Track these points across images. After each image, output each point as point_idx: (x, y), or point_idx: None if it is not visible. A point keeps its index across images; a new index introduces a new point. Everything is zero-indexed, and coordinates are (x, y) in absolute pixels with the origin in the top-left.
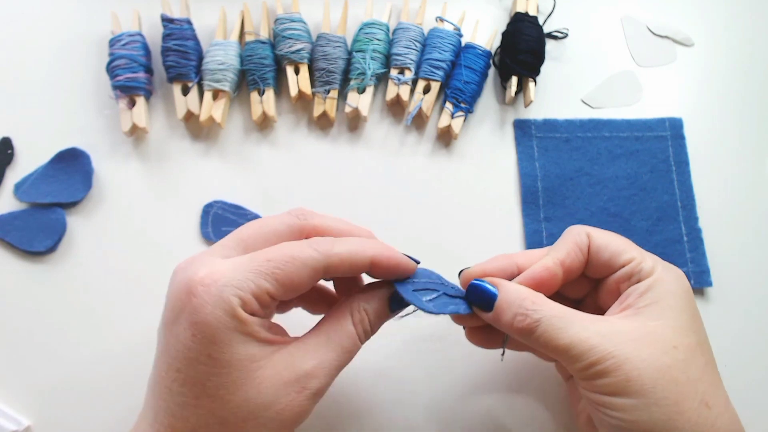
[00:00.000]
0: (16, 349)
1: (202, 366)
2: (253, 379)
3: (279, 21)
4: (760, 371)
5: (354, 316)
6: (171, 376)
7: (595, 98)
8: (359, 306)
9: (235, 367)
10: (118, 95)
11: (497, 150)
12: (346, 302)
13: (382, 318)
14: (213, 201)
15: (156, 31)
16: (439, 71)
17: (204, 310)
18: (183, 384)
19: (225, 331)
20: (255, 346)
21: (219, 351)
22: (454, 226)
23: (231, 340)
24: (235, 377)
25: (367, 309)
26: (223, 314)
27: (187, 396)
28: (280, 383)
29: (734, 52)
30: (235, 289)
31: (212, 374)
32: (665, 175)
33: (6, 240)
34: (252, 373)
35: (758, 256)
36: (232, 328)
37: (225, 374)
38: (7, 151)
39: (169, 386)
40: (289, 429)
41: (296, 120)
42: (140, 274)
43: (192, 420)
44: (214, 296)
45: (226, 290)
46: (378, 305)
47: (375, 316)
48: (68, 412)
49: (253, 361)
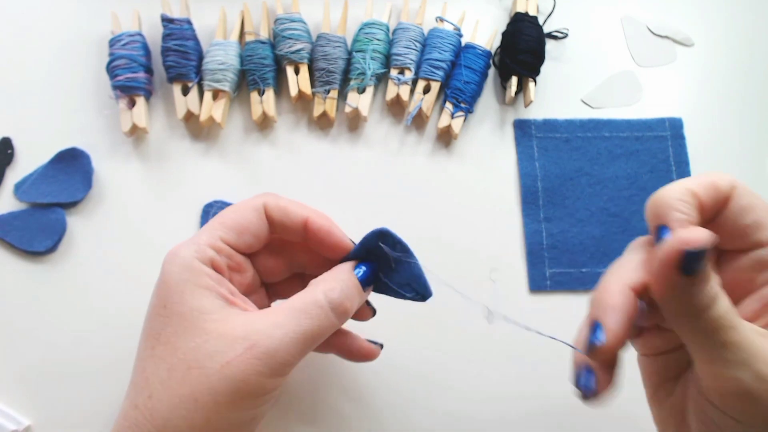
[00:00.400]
0: (16, 348)
1: (159, 318)
2: (202, 329)
3: (279, 21)
4: None
5: (319, 285)
6: (141, 339)
7: (595, 98)
8: (327, 279)
9: (185, 317)
10: (118, 95)
11: (497, 150)
12: (314, 280)
13: (350, 287)
14: (213, 201)
15: (156, 31)
16: (439, 71)
17: (164, 270)
18: (144, 338)
19: (179, 283)
20: (208, 299)
21: (172, 302)
22: (454, 226)
23: (184, 290)
24: (185, 325)
25: (333, 279)
26: (178, 268)
27: (147, 348)
28: (228, 337)
29: (734, 52)
30: (191, 244)
31: (166, 324)
32: (665, 175)
33: (6, 240)
34: (202, 323)
35: None
36: (185, 279)
37: (176, 323)
38: (7, 151)
39: (138, 348)
40: (240, 393)
41: (296, 120)
42: (140, 274)
43: (148, 369)
44: (174, 257)
45: (182, 249)
46: (344, 274)
47: (346, 285)
48: (68, 412)
49: (203, 312)
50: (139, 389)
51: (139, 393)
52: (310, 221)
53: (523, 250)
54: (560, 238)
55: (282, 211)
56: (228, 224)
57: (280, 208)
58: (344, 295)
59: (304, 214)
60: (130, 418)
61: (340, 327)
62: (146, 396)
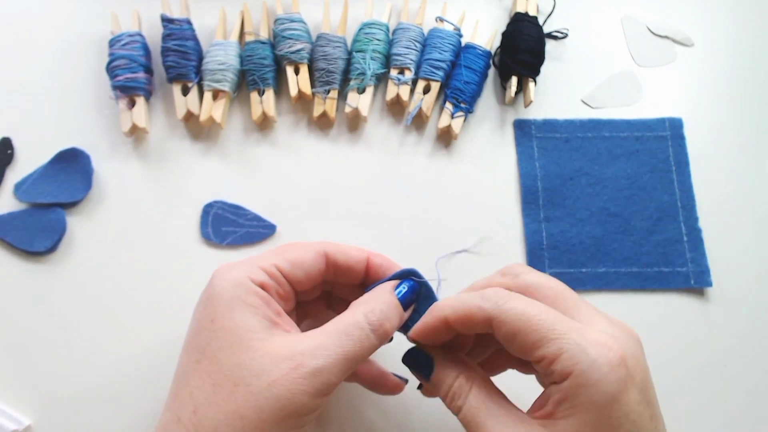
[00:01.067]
0: (16, 348)
1: (205, 332)
2: (248, 347)
3: (279, 21)
4: (760, 371)
5: (359, 307)
6: (184, 351)
7: (595, 98)
8: (368, 300)
9: (233, 332)
10: (118, 95)
11: (497, 150)
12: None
13: (393, 311)
14: (213, 201)
15: (156, 31)
16: (439, 71)
17: (214, 285)
18: (189, 351)
19: (229, 299)
20: (256, 319)
21: (221, 316)
22: (454, 226)
23: (233, 306)
24: (231, 341)
25: (377, 302)
26: (229, 285)
27: (191, 362)
28: (275, 356)
29: (734, 52)
30: (247, 266)
31: (212, 338)
32: (665, 175)
33: (6, 240)
34: (248, 341)
35: (758, 256)
36: (236, 296)
37: (222, 338)
38: (7, 151)
39: (180, 360)
40: (286, 412)
41: (296, 120)
42: (140, 273)
43: (192, 383)
44: (225, 273)
45: (237, 268)
46: (385, 296)
47: (387, 307)
48: (68, 412)
49: (250, 330)
50: (182, 403)
51: (182, 406)
52: (371, 261)
53: (523, 250)
54: (560, 238)
55: (344, 255)
56: (285, 256)
57: (342, 252)
58: (384, 316)
59: (364, 256)
60: (172, 431)
61: (378, 347)
62: (191, 410)
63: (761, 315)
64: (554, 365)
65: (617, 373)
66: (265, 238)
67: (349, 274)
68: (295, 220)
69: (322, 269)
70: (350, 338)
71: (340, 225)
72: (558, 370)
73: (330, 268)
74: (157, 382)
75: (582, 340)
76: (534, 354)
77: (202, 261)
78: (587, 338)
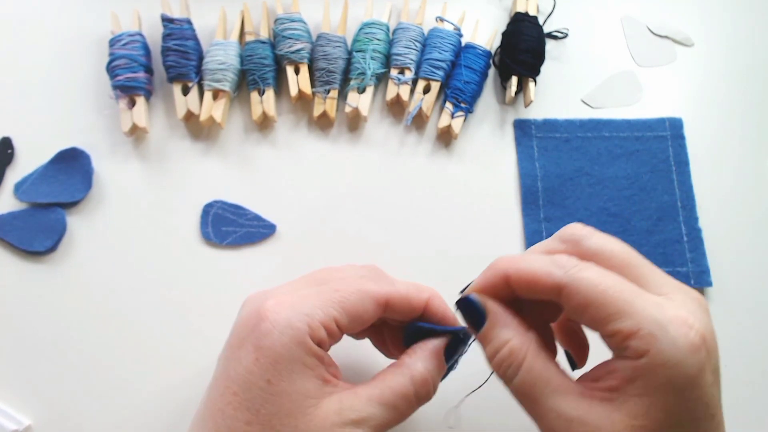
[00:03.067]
0: (16, 348)
1: (259, 391)
2: (305, 414)
3: (279, 21)
4: (761, 371)
5: (412, 375)
6: (226, 399)
7: (595, 98)
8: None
9: (290, 398)
10: (118, 95)
11: (497, 150)
12: (405, 360)
13: (438, 374)
14: (213, 201)
15: (156, 31)
16: (439, 71)
17: (272, 335)
18: (237, 408)
19: (289, 359)
20: (313, 382)
21: (279, 378)
22: (453, 226)
23: (293, 369)
24: (288, 408)
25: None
26: (289, 341)
27: (240, 420)
28: (328, 424)
29: (734, 52)
30: (305, 316)
31: (267, 401)
32: (665, 175)
33: (6, 240)
34: (305, 408)
35: (758, 256)
36: (296, 357)
37: (280, 403)
38: (7, 151)
39: (222, 409)
40: None
41: (296, 120)
42: (140, 273)
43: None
44: (283, 322)
45: (295, 317)
46: (436, 363)
47: (433, 375)
48: (68, 412)
49: (308, 396)
50: None
51: None
52: (429, 306)
53: (523, 250)
54: None
55: (404, 302)
56: (346, 307)
57: (402, 298)
58: (432, 384)
59: (424, 298)
60: None
61: None
62: None
63: (761, 315)
64: (630, 341)
65: (698, 355)
66: (265, 237)
67: (404, 316)
68: (295, 220)
69: (379, 315)
70: (396, 411)
71: (341, 225)
72: (634, 346)
73: (388, 312)
74: (157, 380)
75: (662, 316)
76: (608, 327)
77: (202, 261)
78: (667, 315)
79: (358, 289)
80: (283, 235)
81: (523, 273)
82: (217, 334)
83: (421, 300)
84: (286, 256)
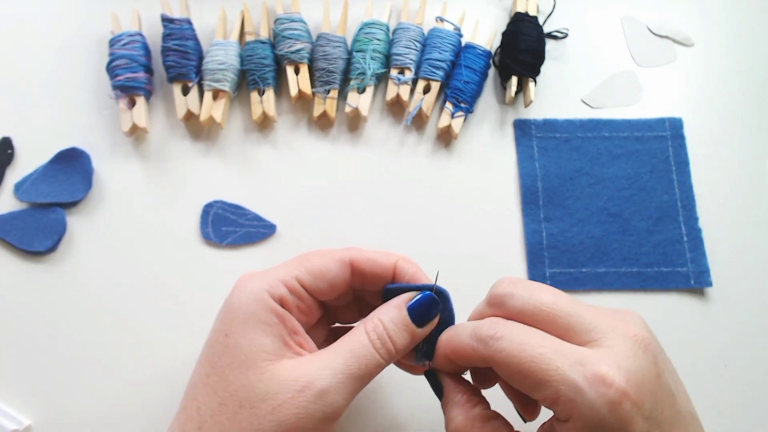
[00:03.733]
0: (16, 348)
1: (218, 345)
2: (258, 367)
3: (279, 21)
4: (760, 371)
5: (367, 324)
6: (198, 361)
7: (595, 98)
8: (373, 316)
9: (244, 350)
10: (118, 95)
11: (497, 150)
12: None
13: (401, 327)
14: (213, 201)
15: (156, 31)
16: (439, 71)
17: (233, 296)
18: (201, 363)
19: (245, 313)
20: (269, 339)
21: (235, 331)
22: (453, 226)
23: (248, 322)
24: (242, 359)
25: (382, 317)
26: (247, 297)
27: (201, 374)
28: (282, 378)
29: (734, 52)
30: (267, 277)
31: (224, 353)
32: (665, 175)
33: (6, 240)
34: (258, 362)
35: (758, 256)
36: (253, 311)
37: (233, 354)
38: (7, 151)
39: (193, 369)
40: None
41: (296, 120)
42: (140, 273)
43: (199, 397)
44: (246, 286)
45: (258, 279)
46: (395, 312)
47: (392, 323)
48: (68, 412)
49: (263, 351)
50: (189, 416)
51: (189, 420)
52: (399, 267)
53: (523, 250)
54: (560, 238)
55: (370, 262)
56: (307, 267)
57: (369, 260)
58: (389, 332)
59: (392, 261)
60: None
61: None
62: (196, 426)
63: (761, 315)
64: (555, 406)
65: (617, 412)
66: (265, 237)
67: (376, 281)
68: (295, 220)
69: (348, 278)
70: (355, 357)
71: (340, 225)
72: (558, 411)
73: (357, 277)
74: (157, 380)
75: (580, 378)
76: (534, 395)
77: (202, 261)
78: (585, 375)
79: (323, 252)
80: (283, 235)
81: (456, 351)
82: None
83: (389, 263)
84: (286, 256)
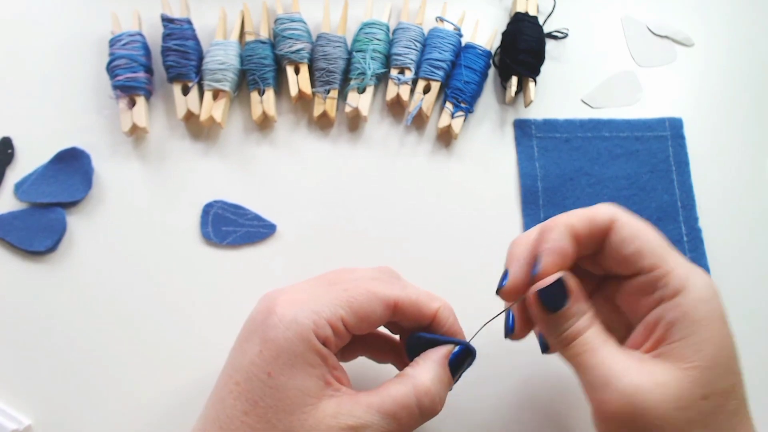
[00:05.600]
0: (16, 348)
1: (259, 383)
2: (302, 412)
3: (279, 21)
4: (761, 371)
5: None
6: (228, 388)
7: (595, 98)
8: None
9: (288, 393)
10: (118, 95)
11: (497, 150)
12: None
13: (446, 387)
14: (213, 201)
15: (156, 31)
16: (439, 71)
17: (277, 329)
18: (237, 397)
19: (291, 354)
20: (314, 381)
21: (279, 371)
22: (453, 226)
23: (294, 364)
24: (285, 403)
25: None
26: (293, 336)
27: (237, 410)
28: (323, 427)
29: (734, 52)
30: (311, 313)
31: (266, 394)
32: (665, 175)
33: (6, 240)
34: (302, 406)
35: (758, 255)
36: (299, 352)
37: (278, 397)
38: (7, 151)
39: (224, 398)
40: None
41: (296, 120)
42: (140, 273)
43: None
44: (289, 317)
45: (302, 313)
46: (443, 373)
47: (442, 387)
48: (68, 412)
49: (307, 394)
50: None
51: None
52: (439, 316)
53: None
54: None
55: (414, 308)
56: (354, 307)
57: (412, 304)
58: (438, 398)
59: (434, 308)
60: None
61: None
62: None
63: (761, 315)
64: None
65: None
66: (265, 237)
67: (412, 323)
68: (295, 220)
69: (387, 319)
70: (397, 422)
71: (340, 225)
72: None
73: (396, 316)
74: (157, 380)
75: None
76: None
77: (202, 261)
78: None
79: (368, 290)
80: (283, 235)
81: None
82: (217, 333)
83: (431, 308)
84: (286, 256)
